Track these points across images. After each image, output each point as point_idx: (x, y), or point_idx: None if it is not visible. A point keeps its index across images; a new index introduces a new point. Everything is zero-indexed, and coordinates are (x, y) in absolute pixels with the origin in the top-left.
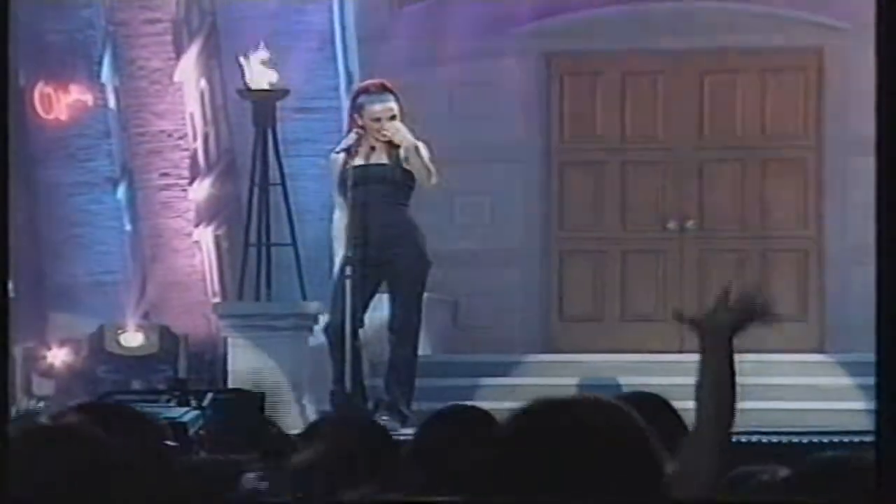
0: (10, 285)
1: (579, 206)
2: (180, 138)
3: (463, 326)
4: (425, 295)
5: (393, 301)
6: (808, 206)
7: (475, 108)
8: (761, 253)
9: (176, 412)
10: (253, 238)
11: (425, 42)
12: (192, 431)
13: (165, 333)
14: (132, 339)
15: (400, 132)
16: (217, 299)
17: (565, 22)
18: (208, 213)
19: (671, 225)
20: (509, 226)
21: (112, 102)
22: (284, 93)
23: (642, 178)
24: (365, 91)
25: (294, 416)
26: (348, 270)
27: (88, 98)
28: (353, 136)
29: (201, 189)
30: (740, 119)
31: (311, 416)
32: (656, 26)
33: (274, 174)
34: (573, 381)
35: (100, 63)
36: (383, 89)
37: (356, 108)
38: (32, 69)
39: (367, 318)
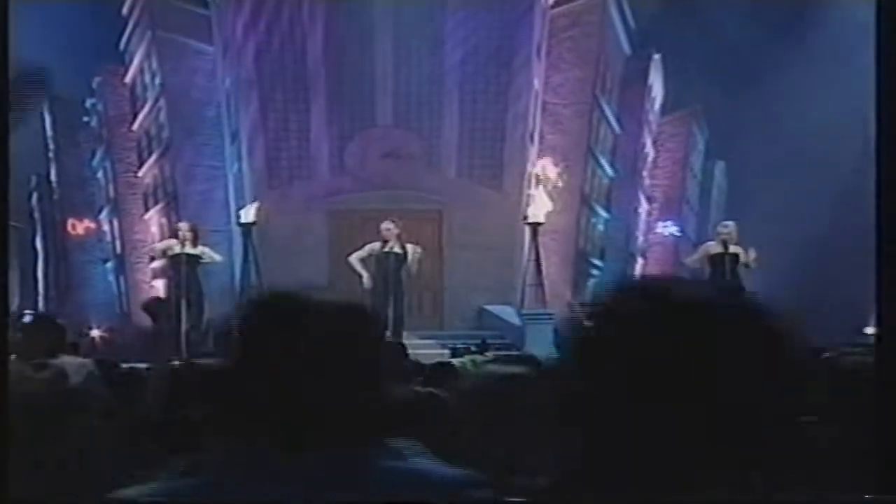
0: None
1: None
2: (148, 243)
3: None
4: None
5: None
6: (437, 265)
7: (302, 235)
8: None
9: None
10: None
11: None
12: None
13: None
14: None
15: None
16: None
17: (338, 200)
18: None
19: None
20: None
21: (108, 237)
22: (255, 223)
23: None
24: (385, 220)
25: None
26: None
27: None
28: (385, 236)
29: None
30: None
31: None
32: (375, 200)
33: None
34: None
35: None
36: (391, 220)
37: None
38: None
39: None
